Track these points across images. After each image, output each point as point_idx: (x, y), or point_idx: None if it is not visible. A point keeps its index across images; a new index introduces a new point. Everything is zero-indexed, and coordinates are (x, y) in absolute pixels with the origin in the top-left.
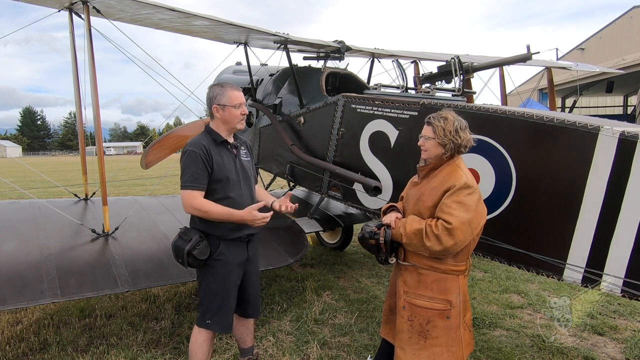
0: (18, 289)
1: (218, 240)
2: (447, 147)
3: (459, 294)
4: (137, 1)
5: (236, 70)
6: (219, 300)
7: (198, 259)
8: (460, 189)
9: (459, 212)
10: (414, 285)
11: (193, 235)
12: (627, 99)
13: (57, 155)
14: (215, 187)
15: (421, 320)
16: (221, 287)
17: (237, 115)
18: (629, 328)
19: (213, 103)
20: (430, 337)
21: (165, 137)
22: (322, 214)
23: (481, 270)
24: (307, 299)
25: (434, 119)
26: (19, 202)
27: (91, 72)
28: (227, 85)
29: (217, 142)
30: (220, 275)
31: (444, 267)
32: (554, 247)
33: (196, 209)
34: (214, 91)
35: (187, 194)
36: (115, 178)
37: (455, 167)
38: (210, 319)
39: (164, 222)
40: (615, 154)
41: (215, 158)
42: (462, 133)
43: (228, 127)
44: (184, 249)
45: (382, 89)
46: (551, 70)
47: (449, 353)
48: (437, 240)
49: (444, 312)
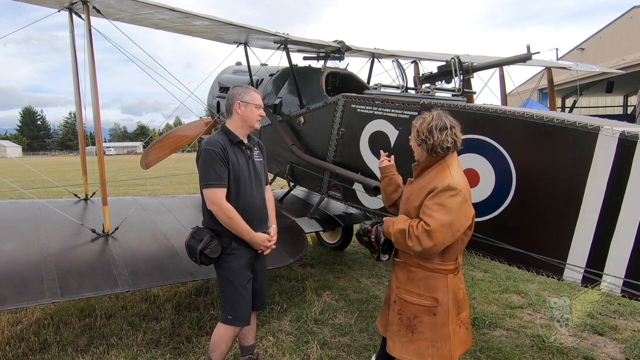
0: (18, 289)
1: (230, 238)
2: (422, 147)
3: (447, 292)
4: (137, 1)
5: (236, 70)
6: (235, 293)
7: (210, 258)
8: (442, 191)
9: (438, 214)
10: (404, 281)
11: (204, 235)
12: (627, 99)
13: (57, 155)
14: (229, 187)
15: (409, 315)
16: (237, 280)
17: (257, 114)
18: (629, 328)
19: (236, 99)
20: (417, 332)
21: (165, 137)
22: (322, 214)
23: (481, 270)
24: (307, 299)
25: (415, 120)
26: (19, 202)
27: (91, 72)
28: (251, 87)
29: (234, 142)
30: (236, 269)
31: (431, 265)
32: (554, 247)
33: (222, 211)
34: (237, 90)
35: (214, 193)
36: (115, 178)
37: (444, 168)
38: (231, 314)
39: (164, 222)
40: (615, 154)
41: (231, 158)
42: (437, 133)
43: (246, 126)
44: (197, 248)
45: (382, 89)
46: (551, 70)
47: (434, 348)
48: (418, 241)
49: (430, 309)
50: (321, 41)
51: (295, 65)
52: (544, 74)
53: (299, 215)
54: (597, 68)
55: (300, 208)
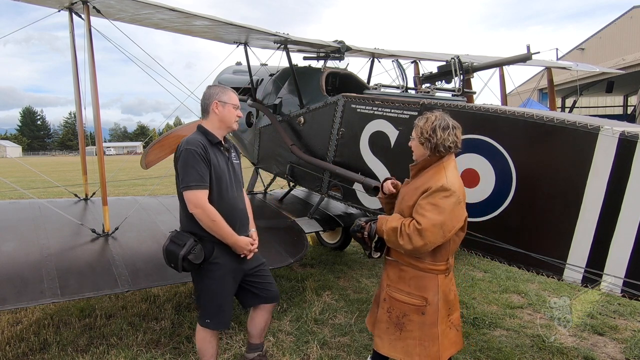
0: (18, 289)
1: (212, 243)
2: (425, 146)
3: (437, 292)
4: (137, 1)
5: (236, 70)
6: (217, 301)
7: (193, 264)
8: (436, 192)
9: (431, 214)
10: (395, 279)
11: (187, 240)
12: (627, 99)
13: (57, 155)
14: (211, 189)
15: (398, 313)
16: (218, 288)
17: (235, 115)
18: (629, 328)
19: (214, 99)
20: (405, 330)
21: (165, 137)
22: (322, 214)
23: (481, 270)
24: (307, 299)
25: (417, 120)
26: (19, 202)
27: (91, 72)
28: (227, 87)
29: (213, 142)
30: (217, 278)
31: (422, 265)
32: (554, 247)
33: (205, 214)
34: (214, 89)
35: (196, 195)
36: (115, 178)
37: (440, 169)
38: (210, 318)
39: (164, 222)
40: (615, 154)
41: (212, 158)
42: (440, 132)
43: (224, 127)
44: (179, 254)
45: (382, 89)
46: (551, 70)
47: (422, 347)
48: (409, 240)
49: (419, 308)
50: (321, 41)
51: (295, 65)
52: (544, 74)
53: (299, 215)
54: (597, 68)
55: (300, 208)
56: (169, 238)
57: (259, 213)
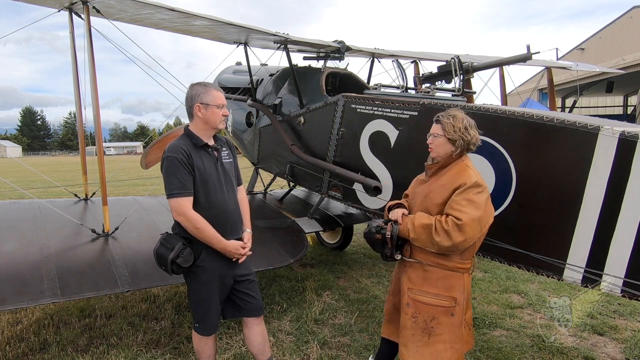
0: (18, 289)
1: (200, 247)
2: (457, 144)
3: (464, 291)
4: (137, 1)
5: (236, 70)
6: (204, 306)
7: (182, 267)
8: (470, 187)
9: (469, 209)
10: (419, 282)
11: (176, 243)
12: (627, 99)
13: (57, 155)
14: (197, 194)
15: (425, 317)
16: (204, 293)
17: (219, 115)
18: (629, 328)
19: (195, 102)
20: (434, 334)
21: (166, 137)
22: (322, 214)
23: (481, 270)
24: (307, 299)
25: (443, 117)
26: (19, 202)
27: (91, 72)
28: (210, 85)
29: (197, 145)
30: (203, 282)
31: (451, 264)
32: (554, 247)
33: (189, 222)
34: (196, 90)
35: (178, 203)
36: (115, 178)
37: (464, 166)
38: (197, 322)
39: (164, 222)
40: (615, 154)
41: (197, 163)
42: (472, 130)
43: (209, 128)
44: (168, 257)
45: (382, 89)
46: (551, 70)
47: (452, 350)
48: (447, 236)
49: (449, 309)
50: (321, 41)
51: (295, 65)
52: (544, 74)
53: (299, 215)
54: (597, 68)
55: (300, 208)
56: (159, 241)
57: (259, 213)
